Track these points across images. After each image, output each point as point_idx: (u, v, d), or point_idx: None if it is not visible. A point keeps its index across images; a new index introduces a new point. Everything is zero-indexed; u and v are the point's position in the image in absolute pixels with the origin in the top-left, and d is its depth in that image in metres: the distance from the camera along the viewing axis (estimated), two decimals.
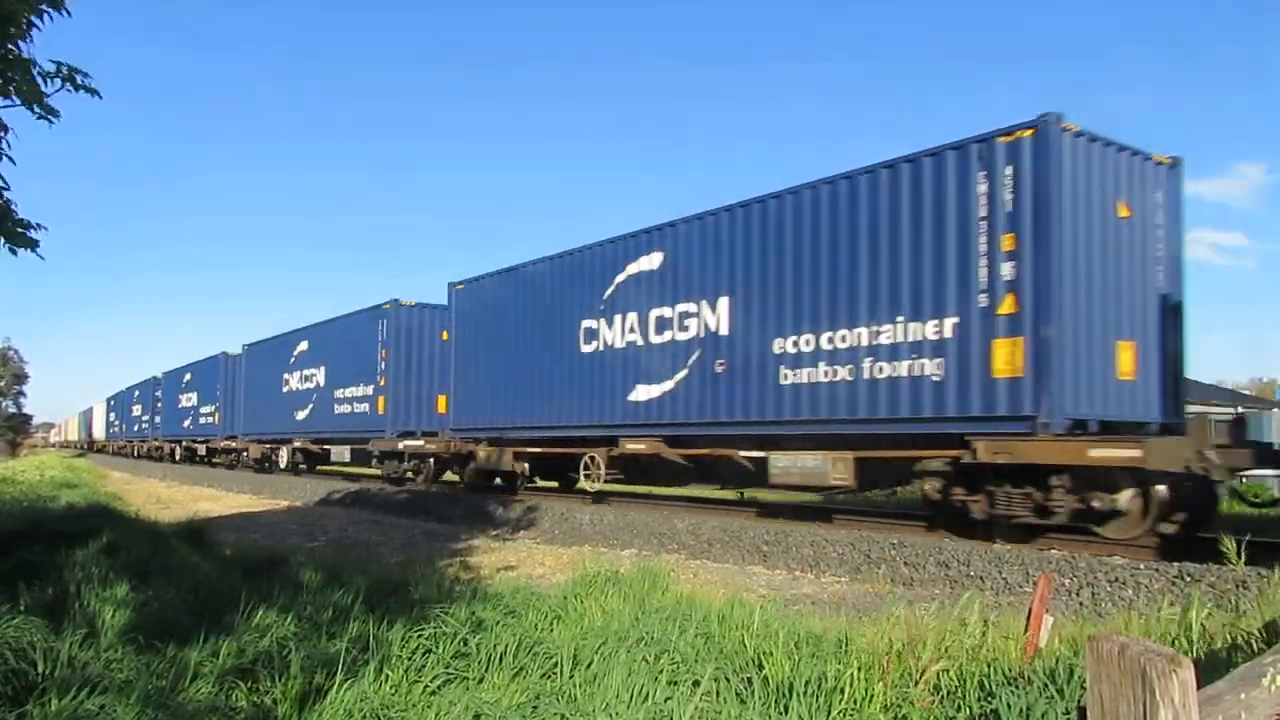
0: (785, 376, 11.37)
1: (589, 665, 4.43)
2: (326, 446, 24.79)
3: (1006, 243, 9.30)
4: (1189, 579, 7.29)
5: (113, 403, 60.98)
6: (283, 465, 27.54)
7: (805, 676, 4.03)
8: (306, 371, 25.39)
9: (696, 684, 4.30)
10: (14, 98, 5.22)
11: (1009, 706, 3.60)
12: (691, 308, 12.82)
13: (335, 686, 4.06)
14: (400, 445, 20.45)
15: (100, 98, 5.48)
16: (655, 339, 13.38)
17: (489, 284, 17.78)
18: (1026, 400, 9.10)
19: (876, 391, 10.41)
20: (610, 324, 14.26)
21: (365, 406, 21.65)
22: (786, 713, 3.85)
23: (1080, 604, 7.66)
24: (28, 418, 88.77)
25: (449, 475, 20.68)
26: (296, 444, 26.49)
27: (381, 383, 20.97)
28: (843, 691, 3.89)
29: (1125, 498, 9.20)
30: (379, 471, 22.40)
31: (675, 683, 4.29)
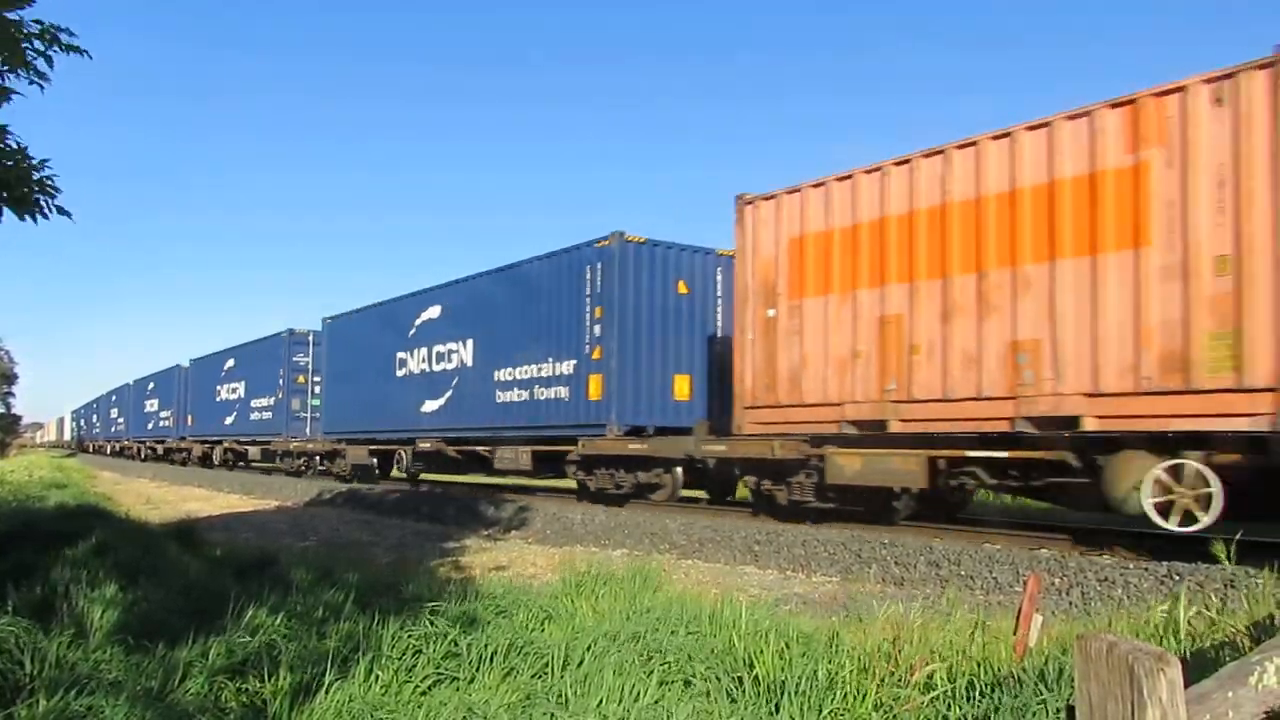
0: None
1: (580, 665, 4.43)
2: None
3: None
4: (1178, 578, 7.32)
5: (74, 414, 59.68)
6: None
7: (797, 676, 4.04)
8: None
9: (688, 683, 4.31)
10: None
11: (999, 706, 3.61)
12: None
13: (325, 686, 4.05)
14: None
15: (90, 57, 5.47)
16: None
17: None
18: None
19: None
20: None
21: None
22: (778, 712, 3.85)
23: (1070, 603, 7.69)
24: (16, 418, 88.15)
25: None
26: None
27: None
28: (834, 691, 3.90)
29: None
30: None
31: (666, 682, 4.30)
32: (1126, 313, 8.41)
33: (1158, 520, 8.20)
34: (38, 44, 5.24)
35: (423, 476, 21.47)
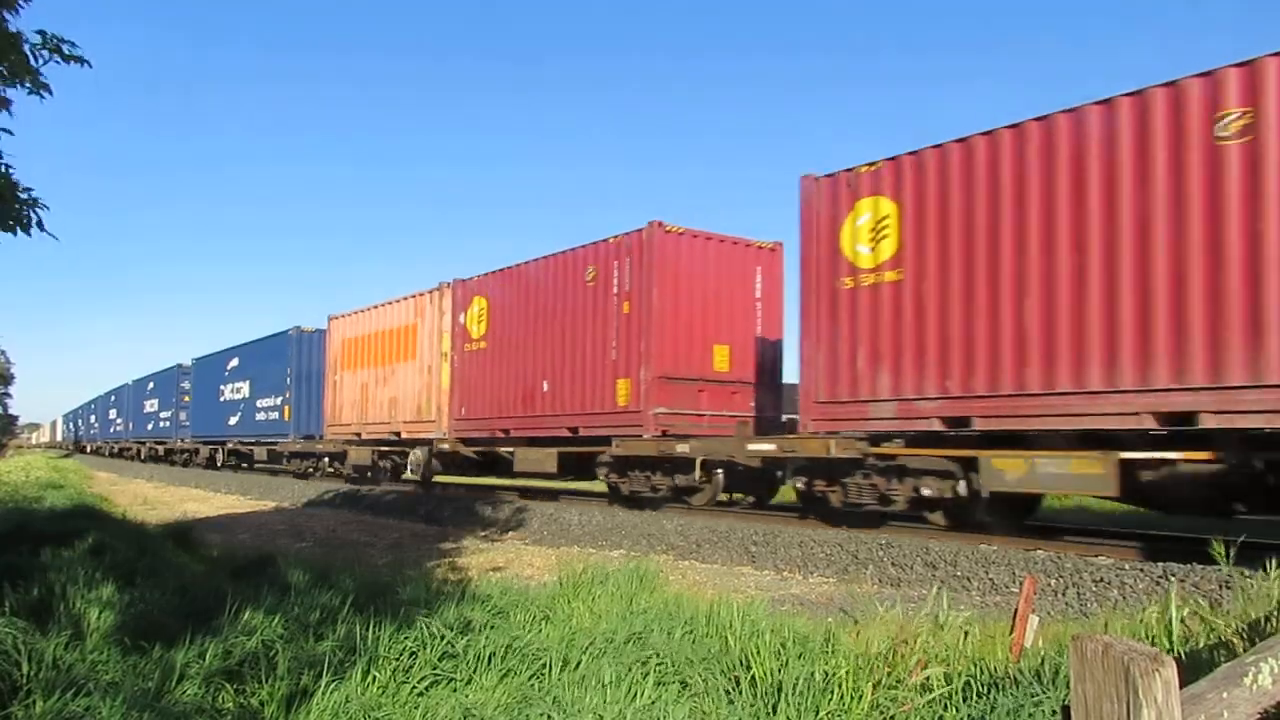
0: None
1: (577, 666, 4.43)
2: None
3: None
4: (1173, 579, 7.33)
5: (65, 417, 67.68)
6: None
7: (793, 677, 4.04)
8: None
9: (684, 685, 4.31)
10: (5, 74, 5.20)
11: (996, 706, 3.62)
12: None
13: (322, 688, 4.04)
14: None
15: (90, 66, 5.50)
16: None
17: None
18: None
19: None
20: None
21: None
22: (774, 713, 3.86)
23: (1066, 604, 7.70)
24: (13, 419, 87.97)
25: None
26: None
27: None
28: (831, 692, 3.90)
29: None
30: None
31: (663, 683, 4.30)
32: (411, 387, 19.49)
33: (408, 475, 19.73)
34: (41, 53, 5.26)
35: (246, 467, 32.45)
